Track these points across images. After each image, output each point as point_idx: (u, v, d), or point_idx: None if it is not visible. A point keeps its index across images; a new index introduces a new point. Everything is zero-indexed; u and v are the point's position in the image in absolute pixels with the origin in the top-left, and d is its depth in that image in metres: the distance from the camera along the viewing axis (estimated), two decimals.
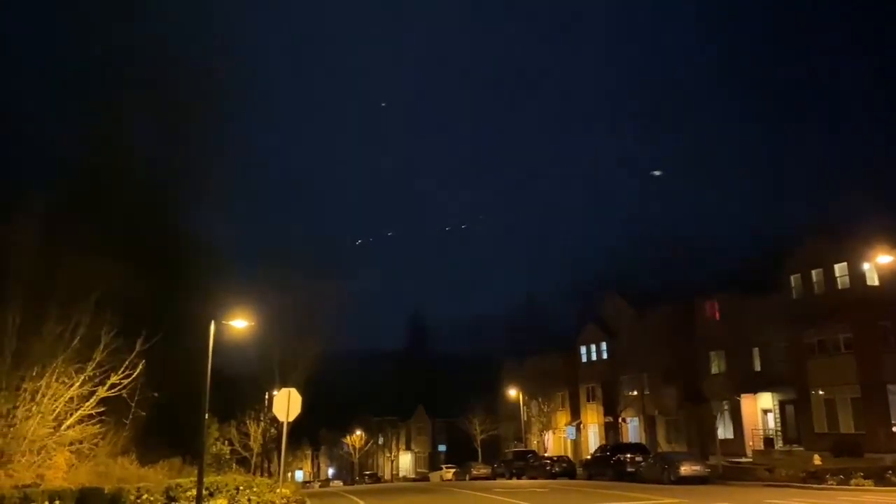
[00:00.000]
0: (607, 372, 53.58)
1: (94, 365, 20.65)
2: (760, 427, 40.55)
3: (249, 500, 18.91)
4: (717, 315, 44.00)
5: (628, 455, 36.66)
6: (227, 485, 19.45)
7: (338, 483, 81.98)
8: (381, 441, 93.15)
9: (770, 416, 40.46)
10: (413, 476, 79.72)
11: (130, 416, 22.37)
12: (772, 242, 45.76)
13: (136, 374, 20.70)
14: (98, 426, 21.93)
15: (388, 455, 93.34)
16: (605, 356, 54.67)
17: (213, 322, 18.00)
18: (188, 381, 28.61)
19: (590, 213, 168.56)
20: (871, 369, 34.32)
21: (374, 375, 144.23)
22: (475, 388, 71.09)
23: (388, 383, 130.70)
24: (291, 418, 19.47)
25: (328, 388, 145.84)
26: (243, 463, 50.68)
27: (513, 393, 58.22)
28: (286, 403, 19.16)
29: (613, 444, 41.73)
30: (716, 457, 40.39)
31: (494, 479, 48.90)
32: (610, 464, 37.45)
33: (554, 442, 58.62)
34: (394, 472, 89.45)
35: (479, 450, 62.66)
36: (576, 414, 57.33)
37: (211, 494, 18.85)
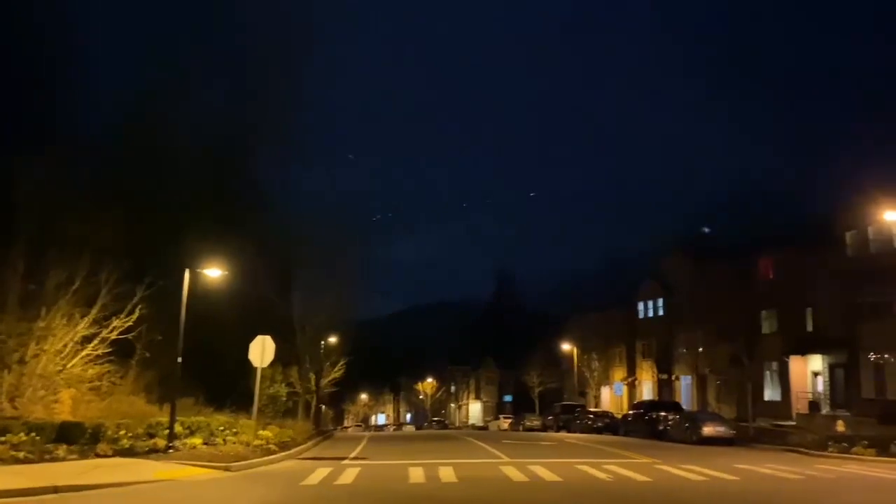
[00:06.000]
0: (663, 329, 52.33)
1: (98, 308, 22.05)
2: (809, 390, 38.82)
3: (225, 440, 19.89)
4: (772, 273, 42.00)
5: (662, 413, 36.04)
6: (208, 424, 20.52)
7: (410, 427, 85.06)
8: (453, 389, 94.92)
9: (820, 380, 38.64)
10: (480, 424, 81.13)
11: (136, 357, 23.80)
12: (833, 198, 42.91)
13: (133, 317, 21.95)
14: (108, 366, 23.51)
15: (458, 403, 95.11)
16: (661, 313, 53.37)
17: (187, 270, 18.74)
18: (216, 329, 30.09)
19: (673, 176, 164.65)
20: None
21: (459, 326, 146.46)
22: (543, 342, 71.24)
23: (467, 334, 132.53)
24: (265, 364, 20.21)
25: (410, 337, 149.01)
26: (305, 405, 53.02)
27: (566, 347, 57.90)
28: (261, 350, 19.91)
29: (649, 402, 41.04)
30: (763, 419, 39.18)
31: (545, 431, 49.23)
32: (644, 421, 36.95)
33: (610, 397, 58.11)
34: (462, 420, 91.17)
35: (537, 402, 62.96)
36: (631, 370, 56.50)
37: (192, 433, 19.95)
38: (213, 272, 19.44)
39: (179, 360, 18.51)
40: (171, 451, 18.03)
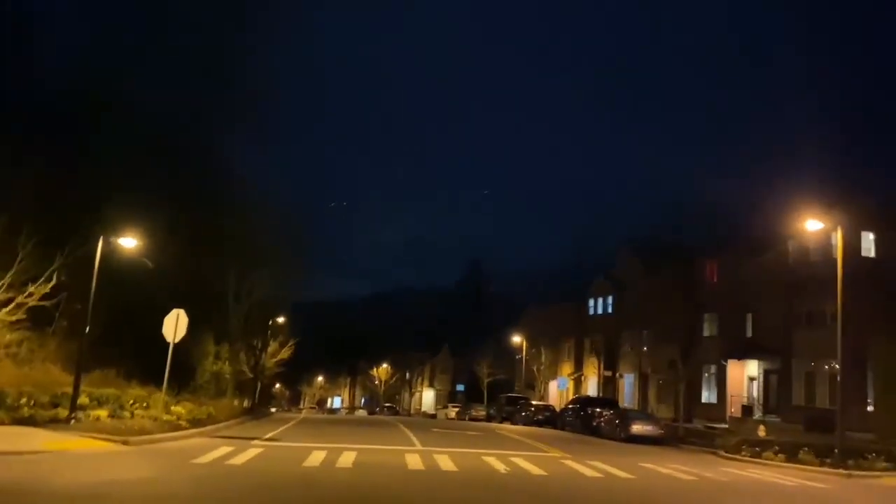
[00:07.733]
0: (611, 327, 52.73)
1: (13, 272, 21.50)
2: (744, 394, 39.39)
3: (133, 414, 19.57)
4: (716, 277, 42.46)
5: (597, 409, 36.38)
6: (118, 397, 20.17)
7: (362, 412, 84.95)
8: (408, 376, 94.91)
9: (755, 384, 39.24)
10: (431, 412, 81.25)
11: (54, 326, 23.31)
12: (780, 206, 43.33)
13: (51, 284, 21.47)
14: (26, 332, 23.02)
15: (412, 390, 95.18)
16: (610, 311, 53.76)
17: (101, 238, 18.34)
18: (148, 302, 29.47)
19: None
20: (852, 345, 32.57)
21: (424, 314, 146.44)
22: (497, 333, 71.39)
23: (431, 322, 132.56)
24: (178, 339, 19.87)
25: (376, 322, 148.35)
26: (246, 384, 52.40)
27: (516, 339, 58.13)
28: (174, 325, 19.58)
29: (586, 398, 41.37)
30: (700, 420, 39.72)
31: (489, 422, 49.47)
32: (580, 416, 37.27)
33: (557, 391, 58.45)
34: (416, 407, 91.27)
35: (485, 392, 63.14)
36: (579, 365, 56.91)
37: (100, 405, 19.60)
38: (129, 242, 18.99)
39: (87, 329, 18.13)
40: (73, 421, 17.68)
